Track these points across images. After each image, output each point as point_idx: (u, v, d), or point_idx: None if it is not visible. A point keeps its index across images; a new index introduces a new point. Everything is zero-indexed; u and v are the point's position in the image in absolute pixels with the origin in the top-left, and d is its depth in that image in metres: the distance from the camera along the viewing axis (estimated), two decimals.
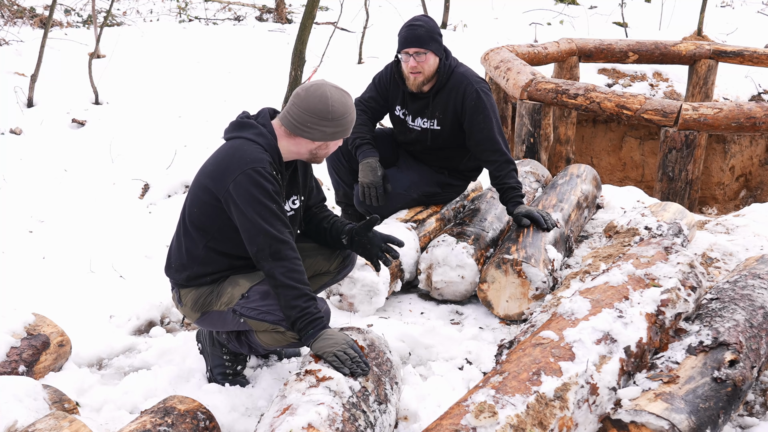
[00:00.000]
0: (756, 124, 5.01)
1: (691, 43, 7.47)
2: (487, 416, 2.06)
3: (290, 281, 2.45)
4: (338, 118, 2.56)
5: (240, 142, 2.57)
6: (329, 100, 2.53)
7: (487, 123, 3.67)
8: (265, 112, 2.67)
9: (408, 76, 3.71)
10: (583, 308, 2.58)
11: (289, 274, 2.46)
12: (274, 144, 2.59)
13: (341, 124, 2.58)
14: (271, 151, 2.57)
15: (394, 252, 2.83)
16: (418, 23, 3.63)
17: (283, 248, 2.47)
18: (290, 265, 2.47)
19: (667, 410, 2.16)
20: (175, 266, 2.70)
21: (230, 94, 7.39)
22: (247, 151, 2.52)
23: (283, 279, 2.45)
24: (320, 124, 2.55)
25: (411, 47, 3.61)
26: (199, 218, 2.61)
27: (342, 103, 2.56)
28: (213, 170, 2.57)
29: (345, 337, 2.45)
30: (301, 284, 2.47)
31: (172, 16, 11.68)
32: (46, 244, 4.27)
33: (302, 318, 2.45)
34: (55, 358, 2.89)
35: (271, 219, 2.47)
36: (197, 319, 2.73)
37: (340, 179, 4.06)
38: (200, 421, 2.40)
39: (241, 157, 2.50)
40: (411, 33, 3.61)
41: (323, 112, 2.53)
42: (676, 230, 3.72)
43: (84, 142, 5.98)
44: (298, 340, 2.54)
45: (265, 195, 2.47)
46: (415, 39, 3.60)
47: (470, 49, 8.37)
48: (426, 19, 3.68)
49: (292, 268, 2.47)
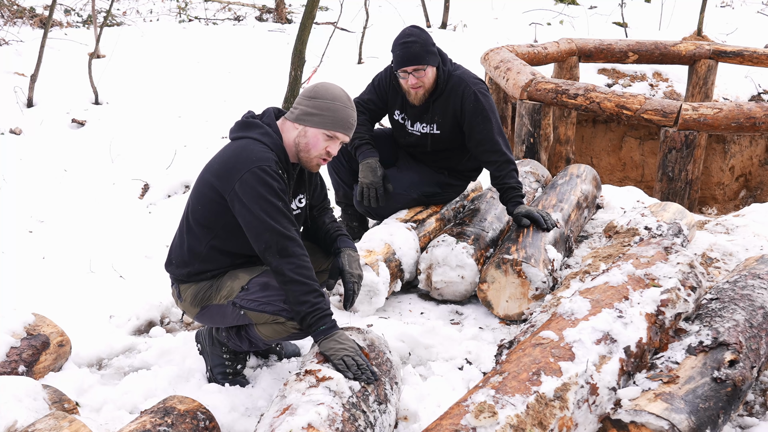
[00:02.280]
0: (756, 124, 5.01)
1: (691, 43, 7.47)
2: (487, 416, 2.06)
3: (299, 277, 2.46)
4: (320, 98, 2.61)
5: (246, 142, 2.59)
6: (321, 84, 2.65)
7: (486, 124, 3.67)
8: (270, 111, 2.70)
9: (409, 91, 3.69)
10: (583, 308, 2.58)
11: (297, 270, 2.47)
12: (280, 143, 2.61)
13: (323, 107, 2.60)
14: (277, 151, 2.59)
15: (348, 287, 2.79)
16: (412, 39, 3.58)
17: (290, 245, 2.48)
18: (298, 261, 2.48)
19: (667, 410, 2.16)
20: (176, 262, 2.72)
21: (230, 94, 7.39)
22: (254, 150, 2.55)
23: (292, 275, 2.46)
24: (303, 102, 2.62)
25: (409, 66, 3.58)
26: (203, 215, 2.62)
27: (332, 91, 2.63)
28: (219, 169, 2.59)
29: (353, 344, 2.46)
30: (310, 280, 2.48)
31: (172, 16, 11.68)
32: (46, 244, 4.27)
33: (312, 313, 2.46)
34: (55, 358, 2.89)
35: (278, 216, 2.48)
36: (197, 314, 2.73)
37: (340, 180, 4.06)
38: (200, 421, 2.40)
39: (247, 157, 2.53)
40: (407, 51, 3.56)
41: (309, 90, 2.65)
42: (676, 230, 3.72)
43: (84, 142, 5.99)
44: (299, 330, 2.55)
45: (271, 192, 2.48)
46: (413, 57, 3.56)
47: (470, 49, 8.38)
48: (418, 32, 3.62)
49: (300, 264, 2.48)
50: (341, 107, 2.62)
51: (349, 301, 2.77)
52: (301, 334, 2.58)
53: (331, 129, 2.61)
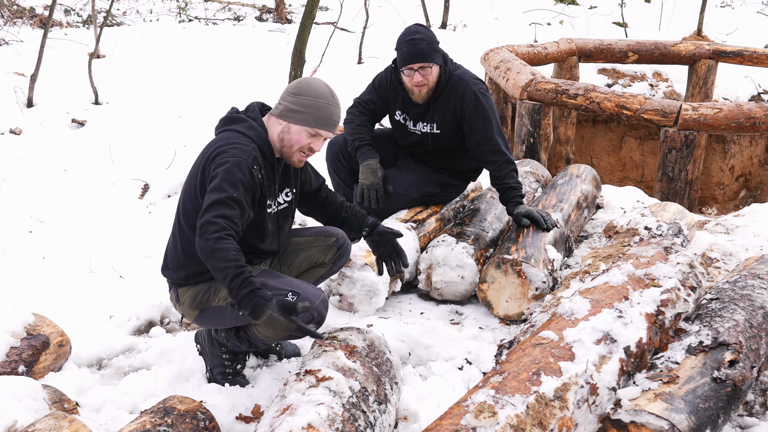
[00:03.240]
0: (756, 124, 5.02)
1: (691, 43, 7.47)
2: (487, 416, 2.06)
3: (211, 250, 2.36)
4: (303, 94, 2.58)
5: (229, 134, 2.61)
6: (305, 80, 2.63)
7: (486, 124, 3.67)
8: (254, 106, 2.71)
9: (412, 89, 3.69)
10: (582, 308, 2.58)
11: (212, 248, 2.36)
12: (265, 137, 2.62)
13: (306, 104, 2.58)
14: (261, 144, 2.59)
15: (399, 267, 2.95)
16: (418, 36, 3.58)
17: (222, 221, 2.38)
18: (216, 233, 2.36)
19: (667, 410, 2.16)
20: (172, 266, 2.71)
21: (230, 94, 7.39)
22: (236, 143, 2.55)
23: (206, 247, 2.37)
24: (287, 98, 2.60)
25: (416, 63, 3.58)
26: (194, 216, 2.61)
27: (316, 87, 2.60)
28: (200, 162, 2.61)
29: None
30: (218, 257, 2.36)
31: (172, 16, 11.69)
32: (45, 244, 4.27)
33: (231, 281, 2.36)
34: (55, 358, 2.89)
35: (230, 201, 2.42)
36: (196, 317, 2.73)
37: (340, 180, 4.06)
38: (200, 421, 2.40)
39: (226, 149, 2.53)
40: (414, 48, 3.56)
41: (292, 86, 2.62)
42: (676, 230, 3.72)
43: (84, 142, 5.98)
44: (298, 330, 2.54)
45: (235, 184, 2.44)
46: (420, 54, 3.56)
47: (470, 49, 8.37)
48: (424, 30, 3.63)
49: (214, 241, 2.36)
50: (324, 104, 2.60)
51: (403, 257, 2.95)
52: (300, 333, 2.57)
53: (314, 126, 2.60)
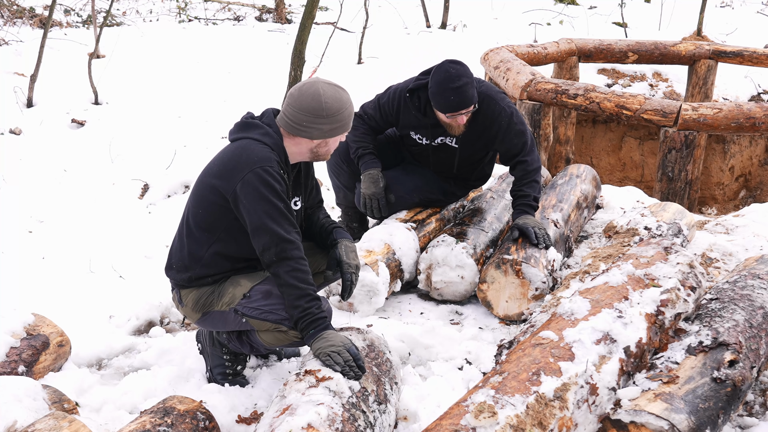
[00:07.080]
0: (756, 124, 5.02)
1: (691, 43, 7.47)
2: (487, 416, 2.06)
3: (293, 281, 2.46)
4: (333, 115, 2.56)
5: (247, 142, 2.58)
6: (322, 97, 2.54)
7: (520, 137, 3.63)
8: (269, 112, 2.68)
9: (454, 126, 3.59)
10: (582, 308, 2.58)
11: (293, 273, 2.46)
12: (281, 144, 2.60)
13: (337, 120, 2.58)
14: (278, 151, 2.58)
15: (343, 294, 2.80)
16: (463, 81, 3.39)
17: (288, 247, 2.47)
18: (295, 264, 2.47)
19: (667, 410, 2.16)
20: (176, 267, 2.70)
21: (230, 94, 7.39)
22: (255, 150, 2.53)
23: (287, 278, 2.46)
24: (316, 122, 2.55)
25: (465, 109, 3.46)
26: (205, 219, 2.61)
27: (336, 98, 2.56)
28: (220, 170, 2.57)
29: (343, 340, 2.44)
30: (304, 284, 2.47)
31: (172, 16, 11.68)
32: (45, 244, 4.27)
33: (304, 318, 2.46)
34: (55, 359, 2.89)
35: (279, 218, 2.47)
36: (198, 320, 2.73)
37: (340, 183, 4.06)
38: (200, 421, 2.40)
39: (248, 157, 2.51)
40: (462, 97, 3.40)
41: (318, 110, 2.53)
42: (676, 230, 3.72)
43: (84, 142, 5.98)
44: (300, 339, 2.55)
45: (273, 193, 2.48)
46: (469, 100, 3.44)
47: (470, 49, 8.37)
48: (463, 70, 3.44)
49: (296, 268, 2.47)
50: (348, 114, 2.61)
51: (347, 292, 2.77)
52: (302, 341, 2.57)
53: (344, 132, 2.65)
